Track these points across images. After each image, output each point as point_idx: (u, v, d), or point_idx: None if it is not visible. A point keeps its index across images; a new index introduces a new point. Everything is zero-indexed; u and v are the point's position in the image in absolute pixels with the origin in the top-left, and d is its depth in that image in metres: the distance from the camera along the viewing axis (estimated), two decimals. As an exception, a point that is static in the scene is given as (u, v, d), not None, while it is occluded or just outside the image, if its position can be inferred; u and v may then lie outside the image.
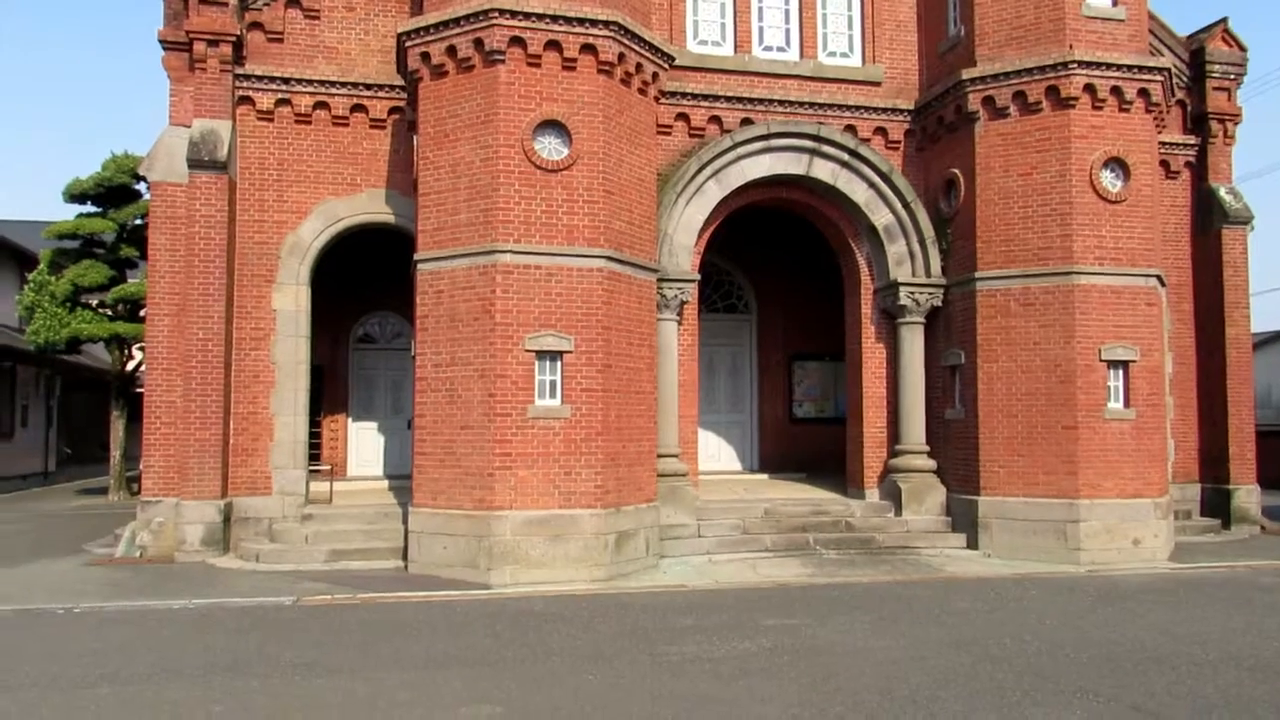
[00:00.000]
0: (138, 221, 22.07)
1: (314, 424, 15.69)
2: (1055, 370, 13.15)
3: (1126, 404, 13.21)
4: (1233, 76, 16.41)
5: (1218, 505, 16.13)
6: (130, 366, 23.20)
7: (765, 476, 17.45)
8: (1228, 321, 16.12)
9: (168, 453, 12.97)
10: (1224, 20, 16.40)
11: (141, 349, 18.65)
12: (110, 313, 22.79)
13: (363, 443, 17.81)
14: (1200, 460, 16.41)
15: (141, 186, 21.66)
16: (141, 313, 19.42)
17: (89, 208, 22.63)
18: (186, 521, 12.75)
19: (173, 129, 13.34)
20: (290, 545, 12.62)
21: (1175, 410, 16.08)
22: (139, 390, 17.90)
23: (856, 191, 14.41)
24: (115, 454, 22.91)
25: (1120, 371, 13.23)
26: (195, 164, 12.92)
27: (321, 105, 13.63)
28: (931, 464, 14.34)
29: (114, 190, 22.17)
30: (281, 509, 13.25)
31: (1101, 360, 13.10)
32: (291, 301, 13.51)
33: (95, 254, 22.71)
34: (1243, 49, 16.45)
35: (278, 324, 13.45)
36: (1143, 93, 13.42)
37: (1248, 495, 16.07)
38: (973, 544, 13.53)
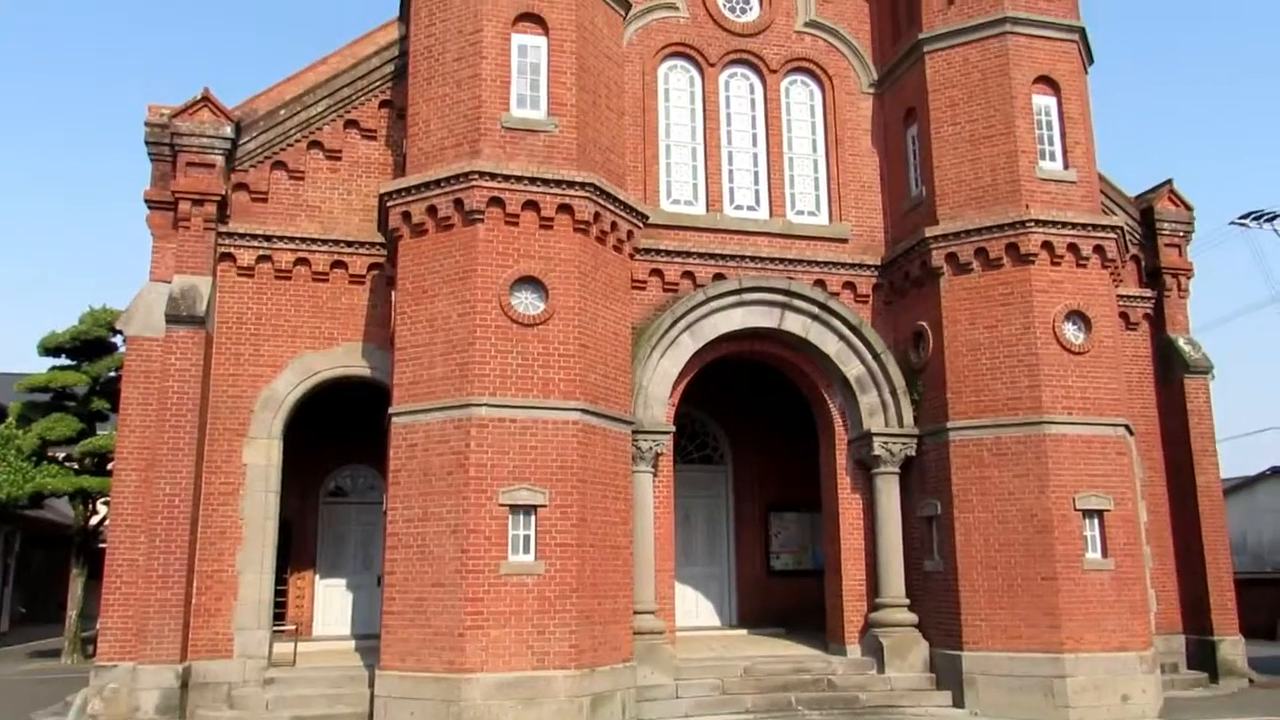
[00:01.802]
0: (111, 374, 22.01)
1: (280, 581, 15.23)
2: (1031, 520, 13.13)
3: (1104, 554, 13.15)
4: (1182, 234, 17.13)
5: (1203, 657, 15.85)
6: (94, 522, 22.65)
7: (744, 632, 17.03)
8: (1197, 470, 16.26)
9: (126, 614, 12.51)
10: (1169, 181, 17.24)
11: (106, 504, 18.27)
12: (77, 466, 22.42)
13: (330, 600, 17.27)
14: (1182, 611, 16.22)
15: (118, 339, 21.73)
16: (109, 466, 19.12)
17: (63, 361, 22.60)
18: (142, 688, 12.16)
19: (153, 285, 13.47)
20: (250, 712, 12.06)
21: (1154, 560, 15.99)
22: (101, 546, 17.44)
23: (828, 344, 14.68)
24: (72, 614, 22.06)
25: (1096, 521, 13.22)
26: (173, 319, 12.98)
27: (302, 261, 13.86)
28: (913, 617, 14.07)
29: (89, 343, 22.21)
30: (243, 673, 12.70)
31: (1076, 509, 13.11)
32: (263, 455, 13.36)
33: (66, 406, 22.52)
34: (1189, 208, 17.23)
35: (248, 479, 13.25)
36: (1098, 249, 13.95)
37: (1233, 647, 15.82)
38: (958, 702, 13.15)
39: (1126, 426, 13.87)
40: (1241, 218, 23.89)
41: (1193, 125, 78.50)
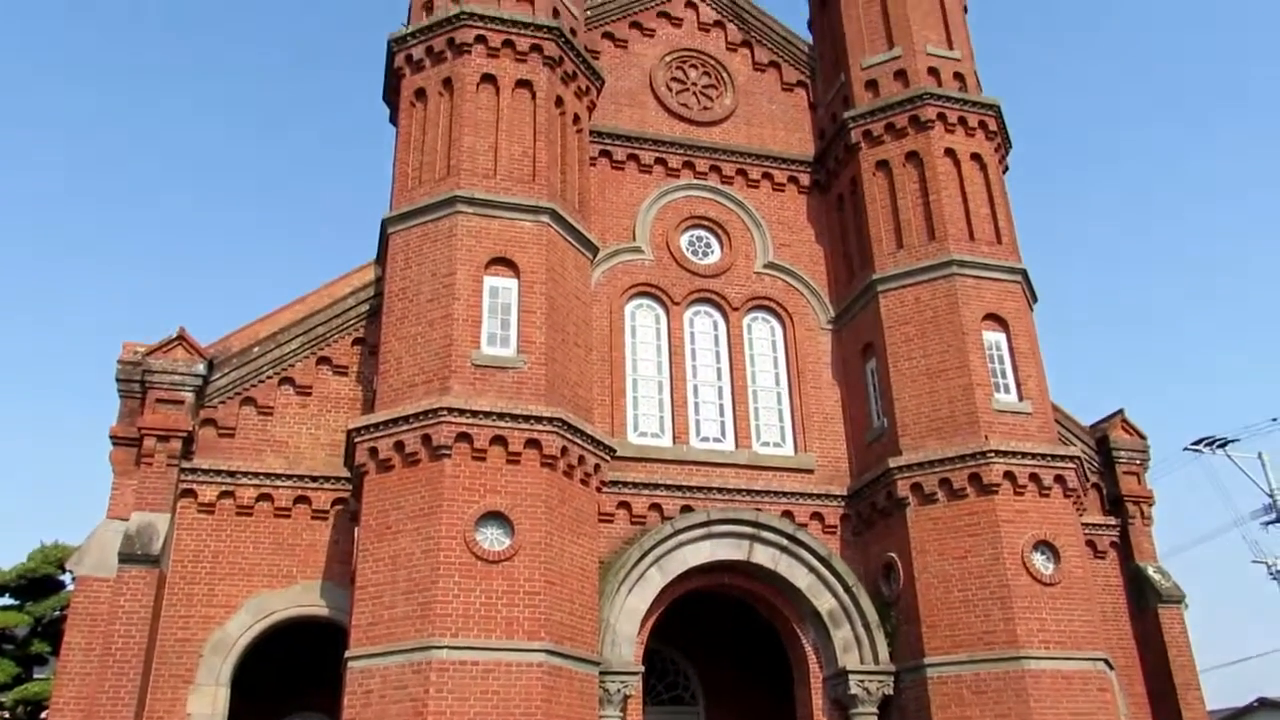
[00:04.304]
0: (57, 614, 21.11)
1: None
2: (1018, 765, 12.53)
3: (1097, 801, 12.49)
4: (1138, 461, 17.43)
5: None
6: (18, 778, 20.99)
7: None
8: (1183, 704, 15.75)
9: None
10: (1121, 411, 17.73)
11: (34, 759, 16.99)
12: (8, 715, 21.02)
13: None
14: None
15: (66, 577, 20.98)
16: (43, 715, 17.94)
17: (7, 600, 21.71)
18: None
19: (109, 522, 13.16)
20: None
21: (1150, 806, 15.20)
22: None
23: (798, 577, 14.47)
24: None
25: (1085, 765, 12.65)
26: (127, 558, 12.59)
27: (265, 497, 13.68)
28: None
29: (36, 581, 21.46)
30: None
31: (1064, 753, 12.56)
32: (209, 704, 12.61)
33: (3, 649, 21.40)
34: (1142, 436, 17.63)
35: (191, 730, 12.45)
36: (1059, 479, 14.14)
37: None
38: None
39: (1106, 660, 13.55)
40: (1195, 444, 24.47)
41: (1137, 354, 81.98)
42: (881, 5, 17.34)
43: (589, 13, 17.15)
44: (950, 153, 16.09)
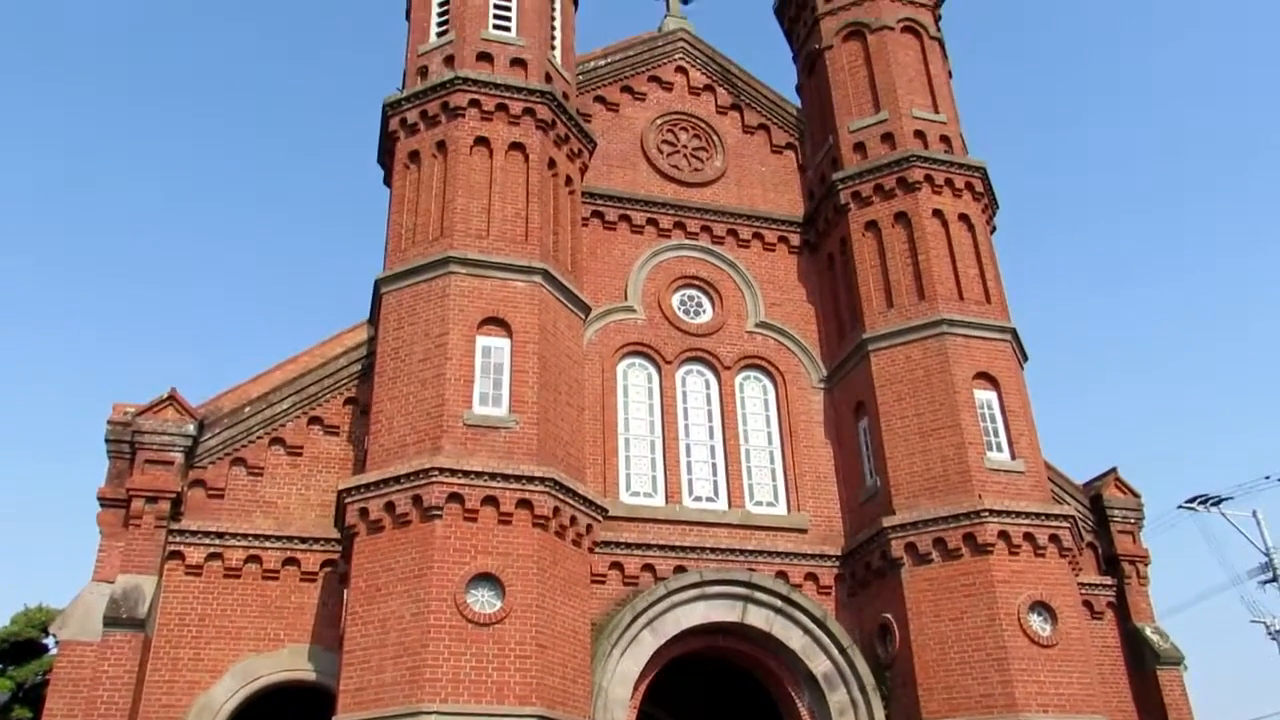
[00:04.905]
0: (39, 678, 20.73)
1: None
2: (1019, 832, 12.28)
3: None
4: (1133, 521, 17.34)
5: None
6: None
7: None
8: (1188, 771, 15.50)
9: None
10: (1114, 470, 17.66)
11: (11, 830, 16.53)
12: (-15, 784, 20.53)
13: None
14: None
15: (50, 641, 20.65)
16: (20, 785, 17.52)
17: (-12, 665, 21.33)
18: None
19: (94, 585, 12.99)
20: None
21: None
22: None
23: (792, 638, 14.30)
24: None
25: (1087, 832, 12.40)
26: (112, 622, 12.41)
27: (254, 559, 13.53)
28: None
29: (18, 645, 21.11)
30: None
31: (1065, 820, 12.32)
32: (192, 772, 12.35)
33: (-18, 717, 20.97)
34: (1136, 495, 17.55)
35: (170, 804, 12.16)
36: (1054, 538, 14.07)
37: None
38: None
39: (1105, 724, 13.36)
40: (1188, 501, 24.41)
41: (1129, 411, 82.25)
42: (868, 70, 17.71)
43: (581, 77, 17.47)
44: (938, 213, 16.30)
